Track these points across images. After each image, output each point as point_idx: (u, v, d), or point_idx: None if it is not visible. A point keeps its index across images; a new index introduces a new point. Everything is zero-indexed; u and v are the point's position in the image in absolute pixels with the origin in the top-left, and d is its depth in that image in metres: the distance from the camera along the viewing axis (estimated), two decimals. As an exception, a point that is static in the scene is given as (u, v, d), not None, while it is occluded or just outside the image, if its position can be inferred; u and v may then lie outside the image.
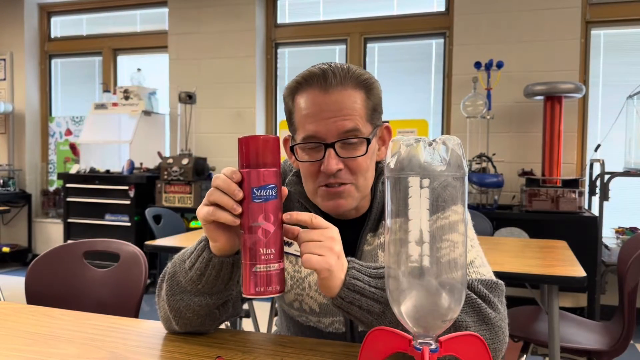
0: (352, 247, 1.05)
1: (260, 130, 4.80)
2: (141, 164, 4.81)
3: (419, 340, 0.69)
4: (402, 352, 0.71)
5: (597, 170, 3.61)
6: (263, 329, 2.86)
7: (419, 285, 0.66)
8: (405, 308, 0.68)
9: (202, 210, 0.82)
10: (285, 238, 1.08)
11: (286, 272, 1.08)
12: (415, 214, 0.65)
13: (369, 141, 0.95)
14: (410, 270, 0.66)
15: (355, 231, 1.05)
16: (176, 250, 2.23)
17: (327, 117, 0.93)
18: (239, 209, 0.78)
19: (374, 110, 0.98)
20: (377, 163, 1.06)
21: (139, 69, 5.03)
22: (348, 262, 0.85)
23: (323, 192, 0.97)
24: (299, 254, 1.06)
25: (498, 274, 1.87)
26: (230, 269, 0.90)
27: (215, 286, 0.91)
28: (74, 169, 4.94)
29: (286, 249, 1.08)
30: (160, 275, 1.01)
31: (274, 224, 0.80)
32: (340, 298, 0.83)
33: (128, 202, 4.54)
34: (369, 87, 0.96)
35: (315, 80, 0.94)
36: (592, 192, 3.62)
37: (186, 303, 0.93)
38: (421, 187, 0.65)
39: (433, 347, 0.68)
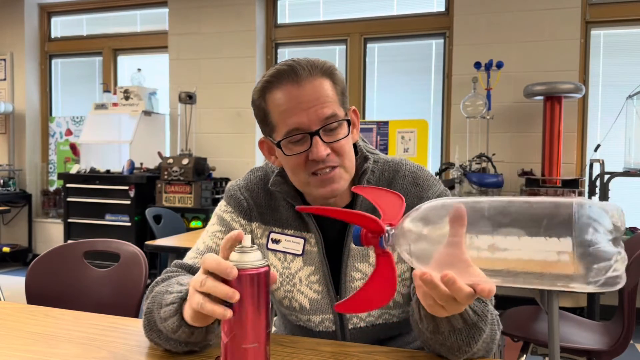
0: (338, 241, 1.06)
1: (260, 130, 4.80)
2: (141, 164, 4.81)
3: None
4: None
5: (596, 170, 3.61)
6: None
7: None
8: None
9: (195, 298, 0.73)
10: (272, 235, 1.09)
11: (275, 269, 1.08)
12: None
13: (349, 122, 0.99)
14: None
15: (338, 225, 1.06)
16: (176, 250, 2.23)
17: (306, 107, 0.95)
18: (236, 297, 0.70)
19: (342, 94, 1.01)
20: (364, 162, 1.07)
21: (139, 69, 5.03)
22: None
23: (316, 181, 0.98)
24: (287, 250, 1.07)
25: (498, 274, 1.87)
26: (204, 334, 0.86)
27: (190, 339, 0.87)
28: (74, 169, 4.94)
29: (274, 246, 1.08)
30: (151, 285, 0.98)
31: (228, 336, 0.72)
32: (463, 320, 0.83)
33: (128, 202, 4.55)
34: (332, 74, 0.99)
35: (286, 76, 0.96)
36: (591, 192, 3.62)
37: (163, 342, 0.90)
38: None
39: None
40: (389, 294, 0.72)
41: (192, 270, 1.04)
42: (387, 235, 0.71)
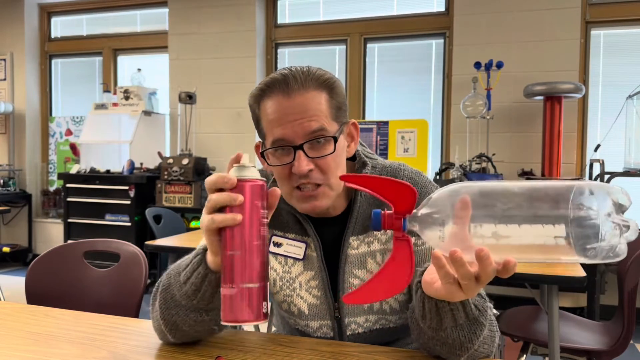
0: (335, 247, 1.05)
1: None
2: (141, 164, 4.81)
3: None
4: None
5: (597, 170, 3.61)
6: (263, 329, 2.86)
7: None
8: None
9: (204, 219, 0.78)
10: (274, 239, 1.08)
11: (276, 272, 1.08)
12: None
13: (335, 139, 0.96)
14: None
15: (336, 231, 1.06)
16: (176, 250, 2.23)
17: (292, 119, 0.94)
18: (240, 199, 0.75)
19: (339, 108, 0.99)
20: (362, 168, 1.07)
21: (139, 69, 5.03)
22: None
23: (298, 196, 0.98)
24: (288, 254, 1.07)
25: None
26: None
27: (212, 303, 0.88)
28: (74, 169, 4.94)
29: (275, 249, 1.08)
30: (155, 286, 0.98)
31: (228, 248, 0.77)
32: (447, 302, 0.81)
33: (128, 202, 4.55)
34: (331, 87, 0.97)
35: (277, 85, 0.95)
36: (592, 192, 3.62)
37: (182, 318, 0.90)
38: None
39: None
40: (404, 280, 0.72)
41: None
42: (409, 218, 0.72)
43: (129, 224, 4.55)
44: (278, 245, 1.08)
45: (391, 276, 0.72)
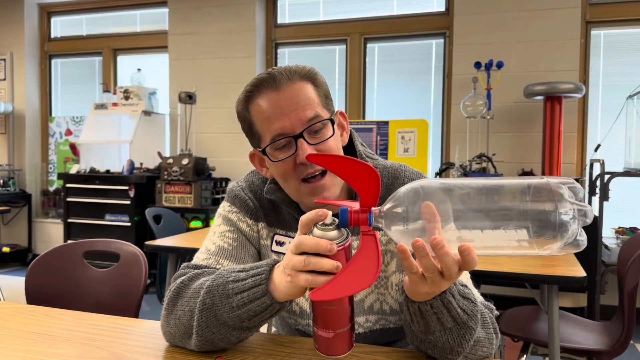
0: None
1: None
2: (141, 164, 4.81)
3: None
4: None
5: (597, 170, 3.61)
6: (263, 329, 2.86)
7: None
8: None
9: (302, 276, 0.76)
10: (276, 237, 1.08)
11: None
12: None
13: (333, 121, 0.99)
14: None
15: None
16: (176, 250, 2.23)
17: (287, 111, 0.95)
18: (340, 266, 0.74)
19: (326, 97, 1.01)
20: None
21: (139, 69, 5.03)
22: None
23: (306, 190, 0.98)
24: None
25: (498, 274, 1.87)
26: (285, 308, 0.87)
27: (263, 322, 0.88)
28: (74, 169, 4.94)
29: (278, 248, 1.08)
30: (170, 293, 0.95)
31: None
32: (430, 305, 0.82)
33: (128, 202, 4.54)
34: (313, 78, 0.99)
35: (265, 84, 0.97)
36: (592, 192, 3.62)
37: (223, 335, 0.89)
38: None
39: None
40: (371, 275, 0.71)
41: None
42: (376, 212, 0.73)
43: (128, 224, 4.55)
44: (280, 244, 1.08)
45: (358, 272, 0.72)
